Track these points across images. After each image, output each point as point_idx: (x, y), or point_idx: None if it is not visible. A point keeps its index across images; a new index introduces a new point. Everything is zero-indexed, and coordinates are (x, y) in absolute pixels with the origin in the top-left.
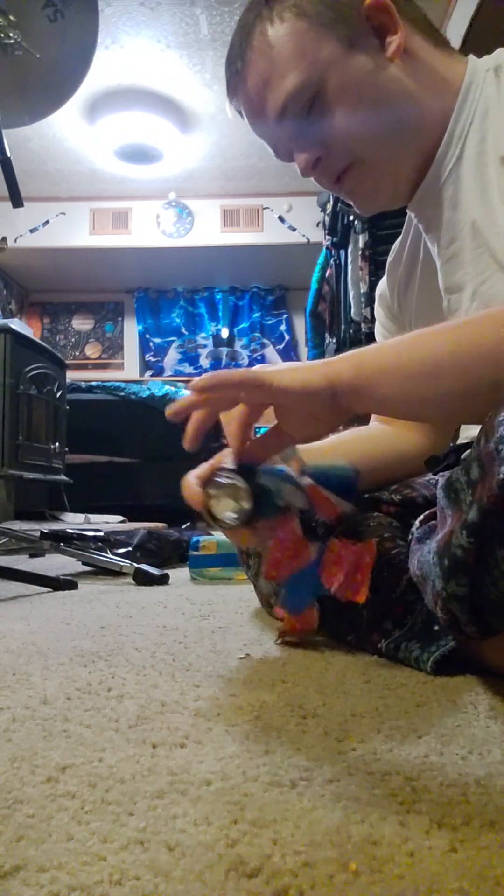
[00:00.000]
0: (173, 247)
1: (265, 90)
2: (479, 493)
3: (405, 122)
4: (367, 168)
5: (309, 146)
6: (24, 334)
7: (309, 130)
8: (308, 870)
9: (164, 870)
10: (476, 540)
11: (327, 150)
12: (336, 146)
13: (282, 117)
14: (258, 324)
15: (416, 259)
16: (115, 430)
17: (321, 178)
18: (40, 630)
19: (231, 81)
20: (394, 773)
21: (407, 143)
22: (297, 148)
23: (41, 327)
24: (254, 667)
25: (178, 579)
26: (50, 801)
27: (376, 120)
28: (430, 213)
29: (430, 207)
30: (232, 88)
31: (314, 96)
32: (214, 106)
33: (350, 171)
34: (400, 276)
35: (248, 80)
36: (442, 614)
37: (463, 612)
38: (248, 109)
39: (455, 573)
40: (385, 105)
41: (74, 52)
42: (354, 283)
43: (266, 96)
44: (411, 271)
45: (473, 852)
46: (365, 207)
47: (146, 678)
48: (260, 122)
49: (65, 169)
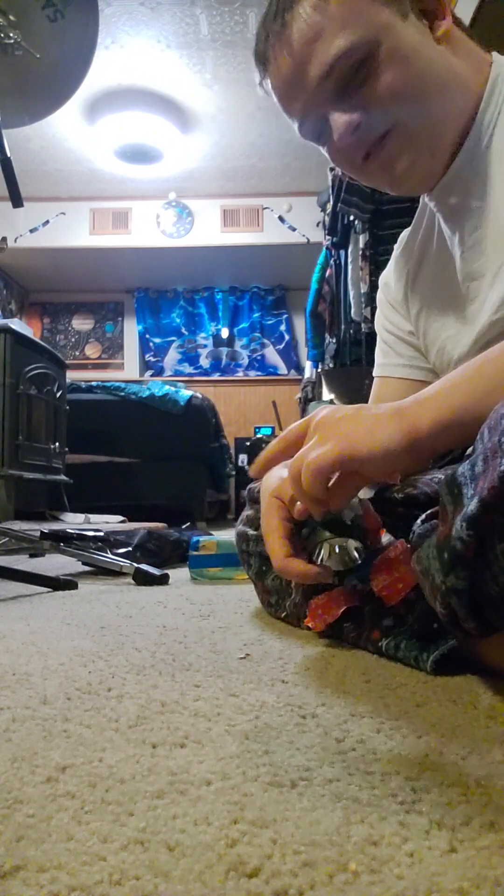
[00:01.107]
0: (173, 247)
1: (315, 42)
2: (480, 486)
3: (448, 97)
4: (406, 136)
5: (351, 108)
6: (24, 334)
7: (354, 92)
8: (308, 870)
9: (164, 870)
10: (476, 533)
11: (368, 115)
12: (379, 109)
13: (328, 75)
14: (258, 324)
15: (427, 250)
16: (115, 430)
17: (357, 147)
18: (40, 630)
19: (271, 34)
20: (394, 773)
21: (447, 119)
22: (337, 109)
23: (41, 327)
24: (254, 667)
25: (178, 579)
26: (50, 801)
27: (422, 88)
28: (455, 201)
29: (455, 195)
30: (272, 42)
31: (363, 59)
32: (214, 106)
33: (389, 137)
34: (410, 267)
35: (294, 33)
36: (441, 609)
37: (462, 606)
38: (288, 66)
39: (454, 566)
40: (431, 77)
41: (74, 53)
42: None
43: (315, 49)
44: (422, 262)
45: (473, 852)
46: (399, 181)
47: (146, 678)
48: (299, 80)
49: (65, 169)
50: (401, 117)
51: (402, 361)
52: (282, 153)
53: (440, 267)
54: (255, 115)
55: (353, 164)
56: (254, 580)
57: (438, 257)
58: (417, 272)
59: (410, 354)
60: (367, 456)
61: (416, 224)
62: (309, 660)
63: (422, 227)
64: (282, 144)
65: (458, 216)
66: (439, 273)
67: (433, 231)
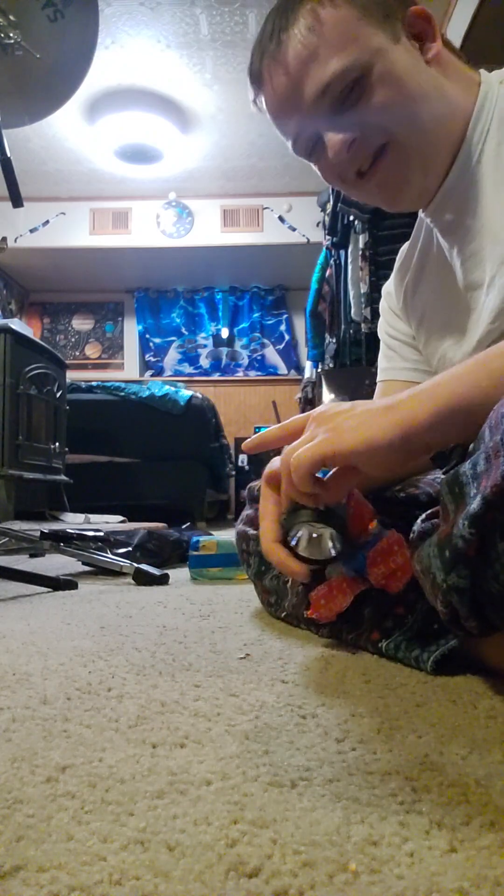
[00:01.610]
0: (173, 247)
1: (310, 64)
2: (483, 484)
3: (439, 117)
4: (400, 153)
5: (345, 128)
6: (24, 334)
7: (347, 111)
8: (308, 870)
9: (164, 870)
10: (477, 531)
11: (363, 132)
12: (373, 126)
13: (321, 96)
14: (258, 324)
15: (425, 264)
16: (115, 430)
17: (351, 164)
18: (40, 630)
19: (266, 53)
20: (394, 773)
21: (439, 137)
22: (331, 129)
23: (41, 327)
24: (254, 667)
25: (178, 579)
26: (50, 801)
27: (414, 107)
28: (450, 217)
29: (449, 211)
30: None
31: (357, 79)
32: (214, 106)
33: (384, 154)
34: (408, 281)
35: (290, 52)
36: (442, 608)
37: (463, 604)
38: (283, 85)
39: (456, 565)
40: (423, 98)
41: (74, 53)
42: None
43: (309, 71)
44: (420, 276)
45: (473, 852)
46: (392, 199)
47: (146, 678)
48: (294, 99)
49: (65, 169)
50: (394, 134)
51: (407, 365)
52: (282, 153)
53: (440, 277)
54: (255, 115)
55: (345, 180)
56: (253, 580)
57: (438, 268)
58: (416, 286)
59: (415, 358)
60: (351, 451)
61: (413, 238)
62: (309, 660)
63: (420, 240)
64: (282, 144)
65: (454, 231)
66: (439, 283)
67: (431, 245)
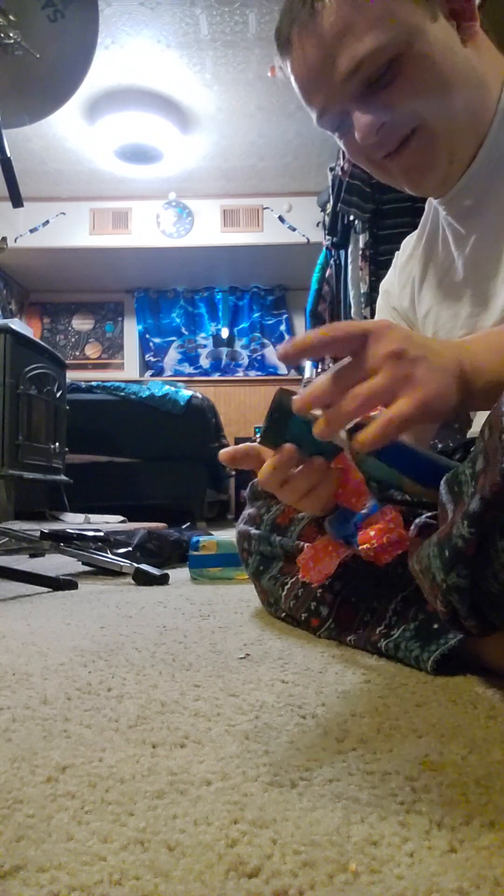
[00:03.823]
0: (173, 247)
1: (345, 37)
2: (482, 483)
3: (471, 101)
4: (428, 138)
5: (376, 107)
6: (24, 334)
7: (380, 91)
8: (308, 870)
9: (164, 870)
10: (477, 530)
11: (393, 114)
12: (405, 109)
13: (354, 72)
14: (258, 324)
15: (432, 255)
16: (115, 430)
17: (379, 147)
18: (40, 630)
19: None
20: (394, 773)
21: (469, 121)
22: (362, 108)
23: (41, 327)
24: (254, 667)
25: (178, 579)
26: (50, 801)
27: (448, 93)
28: (470, 203)
29: (471, 197)
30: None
31: (392, 59)
32: (214, 106)
33: (411, 138)
34: (415, 273)
35: (325, 23)
36: (441, 607)
37: (463, 604)
38: (315, 56)
39: (455, 564)
40: (457, 80)
41: (74, 52)
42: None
43: (344, 44)
44: (427, 267)
45: (473, 852)
46: (417, 184)
47: (146, 678)
48: (325, 73)
49: (65, 169)
50: (425, 116)
51: None
52: (282, 153)
53: (444, 272)
54: (255, 115)
55: (372, 161)
56: (252, 579)
57: (443, 262)
58: (423, 278)
59: None
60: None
61: (420, 230)
62: (309, 660)
63: (426, 230)
64: (282, 144)
65: (473, 217)
66: (443, 278)
67: (437, 236)
